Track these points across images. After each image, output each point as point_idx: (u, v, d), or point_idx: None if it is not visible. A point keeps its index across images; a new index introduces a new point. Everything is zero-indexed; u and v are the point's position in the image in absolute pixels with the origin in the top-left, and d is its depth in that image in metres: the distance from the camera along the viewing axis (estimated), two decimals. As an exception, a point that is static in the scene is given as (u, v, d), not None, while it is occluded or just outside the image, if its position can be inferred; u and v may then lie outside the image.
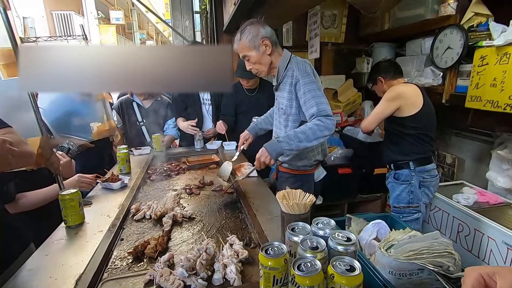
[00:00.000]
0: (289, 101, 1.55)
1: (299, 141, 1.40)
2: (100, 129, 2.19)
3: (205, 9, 3.64)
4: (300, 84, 1.46)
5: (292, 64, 1.52)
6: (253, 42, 1.47)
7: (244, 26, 1.50)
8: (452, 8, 2.15)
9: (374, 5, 1.15)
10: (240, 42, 1.49)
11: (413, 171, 1.93)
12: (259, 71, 1.57)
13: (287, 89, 1.54)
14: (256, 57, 1.50)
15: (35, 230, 1.35)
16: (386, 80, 2.05)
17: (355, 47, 3.31)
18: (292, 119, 1.58)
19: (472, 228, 1.84)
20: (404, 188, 1.95)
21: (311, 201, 0.99)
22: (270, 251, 0.74)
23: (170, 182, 1.83)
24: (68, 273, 0.93)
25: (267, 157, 1.42)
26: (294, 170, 1.68)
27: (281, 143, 1.41)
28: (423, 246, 0.97)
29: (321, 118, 1.40)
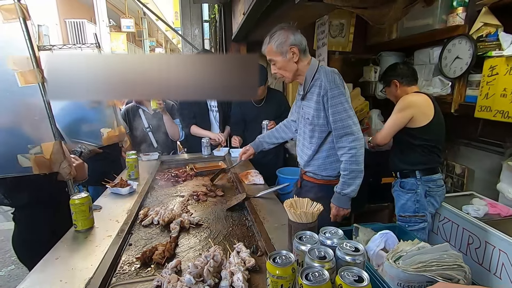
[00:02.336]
0: (317, 111, 1.52)
1: (353, 178, 1.49)
2: (110, 135, 2.23)
3: (214, 18, 3.71)
4: (328, 96, 1.45)
5: (320, 74, 1.49)
6: (281, 48, 1.46)
7: (274, 31, 1.49)
8: (460, 18, 2.15)
9: (383, 17, 1.16)
10: (268, 46, 1.50)
11: (419, 180, 1.90)
12: (283, 76, 1.56)
13: (315, 99, 1.51)
14: (282, 63, 1.49)
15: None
16: (401, 85, 1.99)
17: (363, 56, 3.32)
18: (319, 129, 1.56)
19: (483, 241, 1.80)
20: (410, 197, 1.92)
21: (319, 210, 0.99)
22: (278, 260, 0.74)
23: (178, 188, 1.84)
24: (78, 277, 0.95)
25: (343, 210, 1.55)
26: (319, 180, 1.66)
27: (345, 193, 1.51)
28: (432, 258, 0.96)
29: (349, 146, 1.47)
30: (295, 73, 1.54)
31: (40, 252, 1.11)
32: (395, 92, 2.01)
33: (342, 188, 1.50)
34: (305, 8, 1.61)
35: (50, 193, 1.49)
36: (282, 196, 2.34)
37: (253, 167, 2.13)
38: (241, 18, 2.39)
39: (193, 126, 2.60)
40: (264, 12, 2.04)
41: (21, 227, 1.52)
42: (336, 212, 1.54)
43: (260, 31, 2.61)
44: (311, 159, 1.63)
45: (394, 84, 2.00)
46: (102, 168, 2.15)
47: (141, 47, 15.47)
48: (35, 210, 1.49)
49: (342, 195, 1.51)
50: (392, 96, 2.03)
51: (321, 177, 1.65)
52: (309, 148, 1.63)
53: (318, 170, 1.63)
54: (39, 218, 1.49)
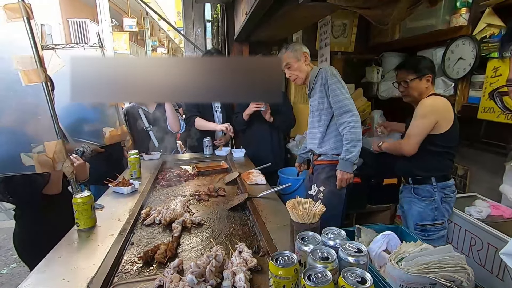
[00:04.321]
0: (321, 98, 1.86)
1: (353, 146, 1.75)
2: (112, 134, 2.23)
3: (217, 18, 3.71)
4: (328, 84, 1.80)
5: (321, 72, 1.86)
6: (296, 54, 1.86)
7: (289, 44, 1.92)
8: (464, 19, 2.14)
9: (386, 18, 1.16)
10: (286, 53, 1.87)
11: (435, 187, 1.79)
12: (297, 77, 1.91)
13: (318, 89, 1.86)
14: (297, 65, 1.87)
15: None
16: (431, 83, 1.80)
17: (365, 57, 3.32)
18: (324, 113, 1.88)
19: (486, 242, 1.79)
20: (427, 205, 1.80)
21: (321, 210, 0.99)
22: (280, 260, 0.74)
23: (179, 188, 1.85)
24: (80, 276, 0.95)
25: (347, 174, 1.78)
26: (329, 161, 1.89)
27: (347, 159, 1.75)
28: (435, 259, 0.95)
29: (348, 121, 1.76)
30: (306, 75, 1.91)
31: (40, 251, 1.12)
32: (422, 88, 1.76)
33: (345, 154, 1.77)
34: (308, 8, 1.61)
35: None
36: (284, 196, 2.35)
37: (255, 167, 2.12)
38: (244, 18, 2.39)
39: (197, 118, 2.58)
40: (266, 12, 2.04)
41: (21, 226, 1.52)
42: (340, 176, 1.78)
43: (262, 31, 2.61)
44: (322, 141, 1.92)
45: (426, 79, 1.74)
46: (104, 167, 2.16)
47: (143, 46, 15.50)
48: (35, 208, 1.49)
49: (345, 160, 1.76)
50: (416, 92, 1.77)
51: (331, 157, 1.89)
52: (319, 131, 1.92)
53: (330, 150, 1.89)
54: (39, 217, 1.50)
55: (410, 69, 1.76)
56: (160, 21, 15.42)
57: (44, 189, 1.47)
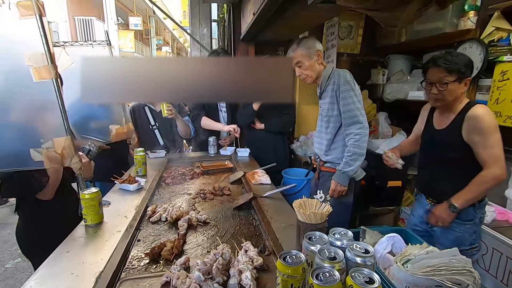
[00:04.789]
0: (331, 104, 1.76)
1: (354, 159, 1.69)
2: (118, 132, 2.25)
3: (223, 17, 3.72)
4: (340, 90, 1.69)
5: (334, 74, 1.74)
6: (309, 52, 1.73)
7: (301, 39, 1.77)
8: (472, 22, 2.13)
9: (395, 20, 1.16)
10: (297, 50, 1.74)
11: (477, 208, 1.51)
12: (308, 76, 1.78)
13: (329, 94, 1.75)
14: (309, 64, 1.75)
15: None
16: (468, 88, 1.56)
17: (371, 59, 3.31)
18: (333, 120, 1.78)
19: (490, 247, 1.78)
20: (467, 229, 1.52)
21: (328, 211, 0.99)
22: (288, 259, 0.75)
23: (185, 186, 1.86)
24: (88, 270, 0.96)
25: (340, 186, 1.73)
26: (336, 169, 1.80)
27: (344, 171, 1.70)
28: (441, 262, 0.95)
29: (355, 132, 1.68)
30: (318, 74, 1.79)
31: (42, 245, 1.13)
32: (459, 93, 1.44)
33: (343, 166, 1.71)
34: (316, 9, 1.61)
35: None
36: (288, 196, 2.35)
37: (260, 167, 2.13)
38: (251, 18, 2.40)
39: (203, 117, 2.59)
40: (274, 13, 2.05)
41: (23, 220, 1.54)
42: (334, 187, 1.75)
43: (269, 31, 2.61)
44: (329, 148, 1.84)
45: (465, 83, 1.43)
46: (109, 164, 2.18)
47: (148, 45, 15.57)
48: (37, 204, 1.50)
49: (342, 172, 1.71)
50: (452, 97, 1.44)
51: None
52: (325, 138, 1.84)
53: (337, 159, 1.81)
54: (41, 212, 1.51)
55: (452, 69, 1.39)
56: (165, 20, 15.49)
57: (38, 194, 1.48)
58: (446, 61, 1.42)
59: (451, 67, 1.40)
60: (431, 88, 1.48)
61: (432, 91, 1.48)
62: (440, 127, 1.55)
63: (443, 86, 1.43)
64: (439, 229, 1.57)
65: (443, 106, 1.51)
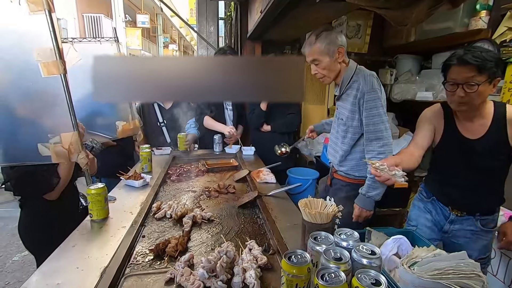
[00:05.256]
0: (351, 113, 1.53)
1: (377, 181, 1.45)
2: (124, 128, 2.26)
3: (230, 15, 3.72)
4: (364, 99, 1.46)
5: (358, 76, 1.50)
6: (329, 48, 1.47)
7: (320, 31, 1.49)
8: (483, 22, 2.09)
9: (406, 19, 1.14)
10: (315, 46, 1.48)
11: (497, 213, 1.47)
12: (325, 76, 1.55)
13: (351, 101, 1.52)
14: (328, 63, 1.50)
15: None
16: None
17: (379, 58, 3.27)
18: (352, 131, 1.56)
19: (498, 252, 1.75)
20: (492, 236, 1.47)
21: (334, 211, 0.98)
22: (293, 259, 0.74)
23: (190, 183, 1.86)
24: (94, 265, 0.97)
25: (366, 211, 1.52)
26: (351, 179, 1.65)
27: (369, 196, 1.49)
28: (449, 265, 0.93)
29: (378, 151, 1.48)
30: (337, 74, 1.55)
31: (45, 241, 1.14)
32: (486, 95, 1.27)
33: (367, 190, 1.50)
34: (325, 7, 1.59)
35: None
36: (292, 196, 2.34)
37: (265, 166, 2.12)
38: (258, 16, 2.39)
39: (206, 117, 2.60)
40: (282, 11, 2.03)
41: (28, 216, 1.54)
42: (358, 213, 1.53)
43: (276, 30, 2.60)
44: (344, 159, 1.63)
45: (494, 84, 1.26)
46: (115, 161, 2.19)
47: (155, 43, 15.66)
48: (42, 201, 1.50)
49: (367, 197, 1.50)
50: (480, 100, 1.26)
51: (353, 177, 1.64)
52: (341, 148, 1.63)
53: (351, 171, 1.63)
54: (45, 209, 1.51)
55: (483, 67, 1.18)
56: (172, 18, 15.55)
57: (46, 194, 1.48)
58: (475, 58, 1.18)
59: (482, 64, 1.17)
60: (456, 90, 1.25)
61: (457, 93, 1.24)
62: (476, 136, 1.33)
63: (472, 88, 1.20)
64: (465, 240, 1.45)
65: (468, 110, 1.30)
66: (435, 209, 1.53)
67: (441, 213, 1.51)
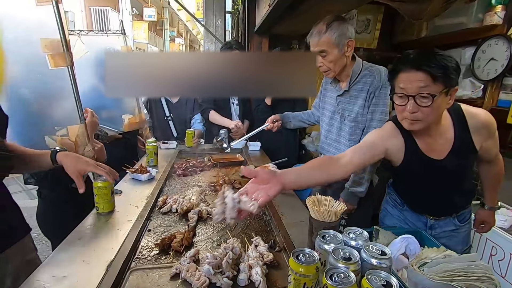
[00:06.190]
0: (362, 108, 1.48)
1: (367, 179, 1.51)
2: (131, 121, 2.26)
3: (238, 9, 3.67)
4: (375, 94, 1.43)
5: (369, 71, 1.46)
6: (339, 40, 1.38)
7: (331, 21, 1.38)
8: (499, 17, 2.02)
9: (421, 12, 1.10)
10: (324, 36, 1.38)
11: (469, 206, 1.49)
12: (330, 70, 1.46)
13: (362, 97, 1.46)
14: (336, 56, 1.41)
15: None
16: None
17: (388, 54, 3.21)
18: (361, 127, 1.52)
19: (508, 253, 1.72)
20: (467, 228, 1.48)
21: (342, 209, 0.96)
22: (301, 258, 0.73)
23: (195, 178, 1.85)
24: (100, 258, 0.97)
25: (350, 204, 1.54)
26: None
27: (353, 191, 1.52)
28: (459, 267, 0.91)
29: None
30: (343, 68, 1.47)
31: (62, 228, 1.15)
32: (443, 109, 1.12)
33: (352, 184, 1.53)
34: (336, 1, 1.55)
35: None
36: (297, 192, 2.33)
37: (271, 161, 2.11)
38: (266, 10, 2.35)
39: (212, 111, 2.58)
40: (291, 4, 1.99)
41: (46, 204, 1.58)
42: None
43: (284, 24, 2.57)
44: None
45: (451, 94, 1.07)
46: (120, 154, 2.19)
47: (161, 36, 15.63)
48: (59, 189, 1.53)
49: (351, 192, 1.53)
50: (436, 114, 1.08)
51: None
52: (347, 145, 1.55)
53: None
54: (62, 197, 1.54)
55: (438, 74, 0.97)
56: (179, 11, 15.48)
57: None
58: (428, 62, 0.97)
59: (437, 71, 0.96)
60: (406, 103, 1.03)
61: (407, 108, 1.03)
62: (441, 156, 1.18)
63: (426, 101, 0.99)
64: (448, 240, 1.40)
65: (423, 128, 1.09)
66: (412, 217, 1.44)
67: (419, 219, 1.42)
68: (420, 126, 1.06)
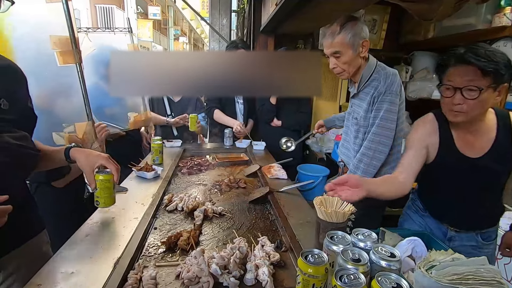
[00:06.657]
0: (366, 112, 1.45)
1: (369, 164, 1.43)
2: (136, 119, 2.26)
3: (243, 8, 3.67)
4: (379, 100, 1.38)
5: (378, 75, 1.41)
6: (353, 41, 1.35)
7: (345, 21, 1.36)
8: (508, 18, 2.01)
9: (431, 12, 1.09)
10: (339, 37, 1.35)
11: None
12: (344, 71, 1.44)
13: (367, 100, 1.43)
14: (350, 57, 1.38)
15: None
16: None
17: (394, 55, 3.19)
18: (363, 131, 1.49)
19: (514, 257, 1.70)
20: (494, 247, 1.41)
21: (350, 210, 0.96)
22: (310, 258, 0.72)
23: (200, 177, 1.86)
24: (107, 256, 0.97)
25: None
26: None
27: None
28: (468, 271, 0.90)
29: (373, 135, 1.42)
30: (357, 70, 1.44)
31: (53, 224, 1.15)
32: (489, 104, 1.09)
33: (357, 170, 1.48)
34: (343, 0, 1.54)
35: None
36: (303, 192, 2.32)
37: (275, 161, 2.10)
38: (273, 9, 2.34)
39: (216, 110, 2.59)
40: (298, 3, 1.98)
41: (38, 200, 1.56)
42: None
43: (290, 23, 2.56)
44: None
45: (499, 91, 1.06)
46: (124, 151, 2.20)
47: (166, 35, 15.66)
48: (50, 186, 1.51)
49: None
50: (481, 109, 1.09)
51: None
52: (353, 149, 1.56)
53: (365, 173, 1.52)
54: (54, 194, 1.51)
55: (487, 68, 0.98)
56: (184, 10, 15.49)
57: (54, 182, 1.47)
58: (478, 57, 0.98)
59: (487, 65, 0.97)
60: (453, 95, 1.05)
61: (454, 100, 1.05)
62: (478, 154, 1.15)
63: (473, 94, 1.01)
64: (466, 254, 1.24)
65: (466, 122, 1.10)
66: (432, 224, 1.39)
67: (439, 228, 1.37)
68: (463, 118, 1.07)
